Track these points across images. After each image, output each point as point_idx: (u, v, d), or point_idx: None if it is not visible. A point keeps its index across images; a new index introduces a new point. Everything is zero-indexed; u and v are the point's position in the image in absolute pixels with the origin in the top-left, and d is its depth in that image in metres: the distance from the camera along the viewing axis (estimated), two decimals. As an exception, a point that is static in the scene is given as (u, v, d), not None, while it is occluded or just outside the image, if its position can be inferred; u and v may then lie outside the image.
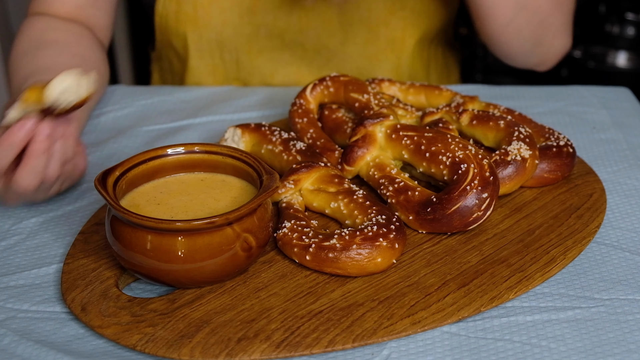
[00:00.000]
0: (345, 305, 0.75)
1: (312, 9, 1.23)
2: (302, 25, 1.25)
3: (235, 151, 0.82)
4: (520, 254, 0.81)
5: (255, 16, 1.24)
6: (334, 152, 0.96)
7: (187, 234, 0.72)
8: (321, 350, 0.70)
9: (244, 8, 1.24)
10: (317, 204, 0.88)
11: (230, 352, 0.69)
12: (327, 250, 0.78)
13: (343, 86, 1.03)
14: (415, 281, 0.78)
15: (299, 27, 1.25)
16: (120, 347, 0.72)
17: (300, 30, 1.25)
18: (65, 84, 0.78)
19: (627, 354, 0.71)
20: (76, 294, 0.76)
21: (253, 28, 1.25)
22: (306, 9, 1.23)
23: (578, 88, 1.27)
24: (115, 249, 0.76)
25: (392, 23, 1.25)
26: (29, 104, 0.79)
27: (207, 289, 0.77)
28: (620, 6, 2.18)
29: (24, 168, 0.83)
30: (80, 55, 1.13)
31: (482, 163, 0.85)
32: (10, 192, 0.86)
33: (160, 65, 1.43)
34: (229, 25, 1.25)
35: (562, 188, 0.94)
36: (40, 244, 0.87)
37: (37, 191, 0.86)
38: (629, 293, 0.79)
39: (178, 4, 1.25)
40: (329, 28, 1.25)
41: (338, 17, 1.24)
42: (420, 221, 0.84)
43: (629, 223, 0.91)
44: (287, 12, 1.24)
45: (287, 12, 1.23)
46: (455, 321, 0.74)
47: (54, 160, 0.85)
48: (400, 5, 1.23)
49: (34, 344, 0.72)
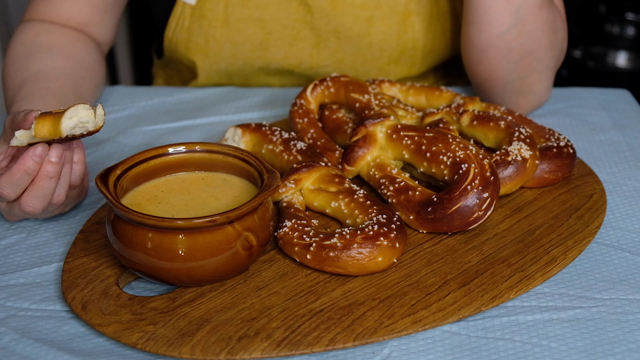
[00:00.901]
0: (346, 304, 0.75)
1: (325, 48, 1.23)
2: (313, 63, 1.25)
3: (236, 150, 0.83)
4: (520, 254, 0.82)
5: (266, 51, 1.24)
6: (334, 152, 0.96)
7: (188, 233, 0.72)
8: (322, 349, 0.70)
9: (255, 43, 1.23)
10: (317, 203, 0.88)
11: (231, 351, 0.69)
12: (328, 249, 0.78)
13: (344, 86, 1.03)
14: (416, 280, 0.78)
15: (310, 65, 1.25)
16: (120, 346, 0.72)
17: (311, 67, 1.25)
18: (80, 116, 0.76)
19: (627, 354, 0.71)
20: (77, 292, 0.76)
21: (264, 62, 1.25)
22: (318, 47, 1.23)
23: (578, 90, 1.27)
24: (116, 247, 0.76)
25: (402, 61, 1.25)
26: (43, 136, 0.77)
27: (207, 288, 0.77)
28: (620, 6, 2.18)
29: (31, 192, 0.81)
30: (75, 57, 1.12)
31: (483, 163, 0.85)
32: (15, 213, 0.85)
33: (168, 73, 1.43)
34: (240, 59, 1.25)
35: (563, 188, 0.94)
36: (41, 243, 0.87)
37: (41, 213, 0.85)
38: (629, 293, 0.79)
39: (189, 34, 1.24)
40: (340, 67, 1.25)
41: (350, 57, 1.24)
42: (420, 221, 0.84)
43: (629, 224, 0.91)
44: (299, 50, 1.24)
45: (299, 49, 1.24)
46: (456, 320, 0.74)
47: (62, 185, 0.83)
48: (412, 45, 1.23)
49: (34, 342, 0.72)
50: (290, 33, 1.23)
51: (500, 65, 1.10)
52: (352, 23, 1.21)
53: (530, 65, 1.10)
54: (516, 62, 1.09)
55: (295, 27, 1.22)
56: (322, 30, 1.22)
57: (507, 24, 1.06)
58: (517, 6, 1.06)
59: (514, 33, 1.07)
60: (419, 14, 1.22)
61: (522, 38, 1.07)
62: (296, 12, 1.21)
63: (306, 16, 1.21)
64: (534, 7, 1.07)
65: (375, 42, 1.23)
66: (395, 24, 1.22)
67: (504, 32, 1.07)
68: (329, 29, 1.22)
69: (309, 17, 1.21)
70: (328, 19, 1.21)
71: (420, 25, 1.22)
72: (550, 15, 1.09)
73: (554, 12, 1.10)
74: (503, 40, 1.07)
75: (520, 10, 1.06)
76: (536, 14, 1.07)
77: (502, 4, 1.06)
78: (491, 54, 1.09)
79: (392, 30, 1.22)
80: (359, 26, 1.21)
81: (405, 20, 1.22)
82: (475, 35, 1.09)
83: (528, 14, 1.06)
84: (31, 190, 0.81)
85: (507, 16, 1.06)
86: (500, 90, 1.14)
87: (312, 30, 1.22)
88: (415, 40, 1.23)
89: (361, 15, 1.21)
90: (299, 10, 1.21)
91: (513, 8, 1.06)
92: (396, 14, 1.21)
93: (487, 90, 1.16)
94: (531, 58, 1.10)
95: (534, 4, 1.07)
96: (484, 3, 1.06)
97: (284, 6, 1.21)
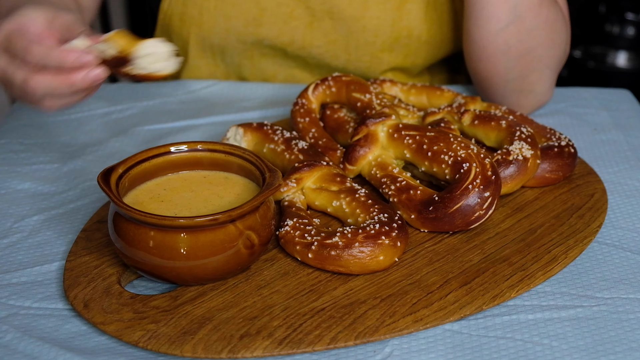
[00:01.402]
0: (347, 302, 0.75)
1: (318, 28, 1.23)
2: (306, 43, 1.25)
3: (238, 149, 0.83)
4: (521, 253, 0.82)
5: (260, 27, 1.24)
6: (336, 151, 0.96)
7: (189, 231, 0.72)
8: (323, 348, 0.70)
9: (249, 18, 1.23)
10: (319, 202, 0.88)
11: (232, 349, 0.69)
12: (330, 248, 0.78)
13: (345, 86, 1.03)
14: (417, 279, 0.78)
15: (302, 44, 1.25)
16: (122, 344, 0.72)
17: (304, 47, 1.25)
18: (157, 49, 0.74)
19: (628, 352, 0.71)
20: (78, 290, 0.77)
21: (256, 38, 1.25)
22: (312, 27, 1.23)
23: (579, 90, 1.27)
24: (118, 246, 0.76)
25: (396, 49, 1.25)
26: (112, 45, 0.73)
27: (209, 286, 0.77)
28: (620, 6, 2.18)
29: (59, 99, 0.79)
30: None
31: (484, 162, 0.85)
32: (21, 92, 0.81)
33: None
34: (233, 33, 1.25)
35: (564, 188, 0.94)
36: (43, 242, 0.87)
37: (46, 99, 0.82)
38: (630, 292, 0.79)
39: (184, 6, 1.25)
40: (332, 49, 1.25)
41: (343, 39, 1.24)
42: (422, 220, 0.85)
43: (630, 223, 0.91)
44: (292, 28, 1.23)
45: (292, 27, 1.23)
46: (457, 319, 0.74)
47: (79, 97, 0.82)
48: (406, 33, 1.23)
49: (36, 340, 0.72)
50: (285, 10, 1.23)
51: (500, 62, 1.10)
52: (346, 4, 1.21)
53: (530, 64, 1.11)
54: (516, 59, 1.10)
55: (290, 4, 1.22)
56: (317, 10, 1.22)
57: (506, 20, 1.07)
58: (515, 2, 1.06)
59: (513, 30, 1.07)
60: (415, 2, 1.21)
61: (521, 35, 1.08)
62: None
63: None
64: (532, 4, 1.07)
65: (369, 26, 1.22)
66: (390, 10, 1.21)
67: (502, 29, 1.07)
68: (324, 8, 1.22)
69: None
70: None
71: (416, 13, 1.22)
72: (552, 14, 1.09)
73: (555, 11, 1.10)
74: (501, 37, 1.08)
75: (518, 7, 1.06)
76: (535, 11, 1.07)
77: (500, 0, 1.06)
78: (490, 50, 1.10)
79: (387, 15, 1.22)
80: (353, 8, 1.21)
81: (401, 7, 1.21)
82: (474, 31, 1.10)
83: (527, 10, 1.07)
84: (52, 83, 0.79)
85: (505, 12, 1.06)
86: (500, 89, 1.14)
87: (307, 9, 1.22)
88: (410, 28, 1.23)
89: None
90: None
91: (511, 4, 1.06)
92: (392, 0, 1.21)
93: (487, 89, 1.16)
94: (531, 56, 1.10)
95: (534, 1, 1.07)
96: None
97: None
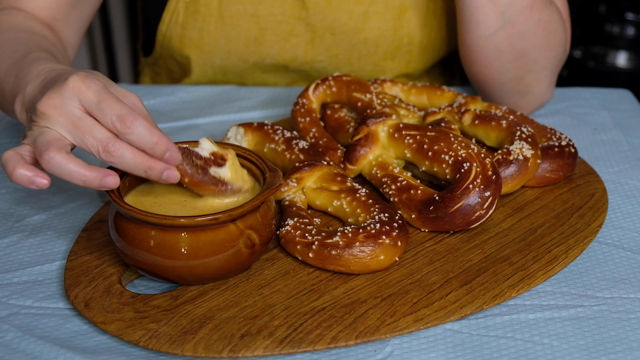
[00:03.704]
0: (348, 302, 0.75)
1: (320, 43, 1.23)
2: (308, 59, 1.25)
3: (239, 149, 0.83)
4: (522, 253, 0.82)
5: (261, 46, 1.24)
6: (336, 151, 0.96)
7: (190, 231, 0.73)
8: (324, 347, 0.70)
9: (250, 38, 1.23)
10: (319, 202, 0.88)
11: (233, 348, 0.69)
12: (330, 247, 0.78)
13: (345, 86, 1.03)
14: (418, 279, 0.78)
15: (305, 60, 1.25)
16: (123, 343, 0.72)
17: (306, 62, 1.25)
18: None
19: (628, 352, 0.71)
20: (79, 290, 0.77)
21: (258, 57, 1.25)
22: (313, 43, 1.23)
23: (579, 90, 1.27)
24: (118, 245, 0.76)
25: (398, 57, 1.25)
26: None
27: (210, 286, 0.77)
28: (620, 6, 2.18)
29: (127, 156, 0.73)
30: (51, 36, 1.06)
31: (485, 162, 0.85)
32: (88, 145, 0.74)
33: (155, 70, 1.42)
34: (234, 53, 1.25)
35: (564, 188, 0.94)
36: (43, 241, 0.87)
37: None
38: (630, 292, 0.79)
39: (183, 29, 1.24)
40: (335, 62, 1.25)
41: (345, 53, 1.24)
42: (422, 219, 0.85)
43: (631, 223, 0.91)
44: (293, 45, 1.23)
45: (294, 45, 1.23)
46: (458, 319, 0.74)
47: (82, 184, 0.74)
48: (407, 40, 1.23)
49: (37, 340, 0.72)
50: (285, 29, 1.23)
51: (493, 66, 1.10)
52: (347, 18, 1.21)
53: (525, 66, 1.10)
54: (509, 62, 1.09)
55: (290, 22, 1.22)
56: (317, 26, 1.22)
57: (495, 26, 1.06)
58: (503, 8, 1.04)
59: (503, 34, 1.06)
60: (415, 10, 1.21)
61: (512, 39, 1.07)
62: (291, 8, 1.21)
63: (301, 12, 1.21)
64: (522, 8, 1.05)
65: (370, 37, 1.23)
66: (390, 20, 1.22)
67: (492, 34, 1.06)
68: (324, 24, 1.22)
69: (303, 13, 1.21)
70: (323, 15, 1.21)
71: (416, 20, 1.22)
72: (545, 16, 1.08)
73: (550, 13, 1.09)
74: (492, 41, 1.07)
75: (507, 12, 1.05)
76: (526, 14, 1.06)
77: (488, 6, 1.05)
78: (483, 54, 1.09)
79: (388, 25, 1.22)
80: (354, 22, 1.21)
81: (401, 15, 1.22)
82: (466, 36, 1.09)
83: (517, 15, 1.05)
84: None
85: (494, 18, 1.05)
86: (497, 91, 1.14)
87: (307, 26, 1.22)
88: (411, 35, 1.23)
89: (356, 11, 1.21)
90: (294, 6, 1.21)
91: (499, 10, 1.05)
92: (392, 9, 1.21)
93: (485, 91, 1.16)
94: (525, 59, 1.09)
95: (523, 5, 1.05)
96: (470, 5, 1.06)
97: (278, 2, 1.21)
